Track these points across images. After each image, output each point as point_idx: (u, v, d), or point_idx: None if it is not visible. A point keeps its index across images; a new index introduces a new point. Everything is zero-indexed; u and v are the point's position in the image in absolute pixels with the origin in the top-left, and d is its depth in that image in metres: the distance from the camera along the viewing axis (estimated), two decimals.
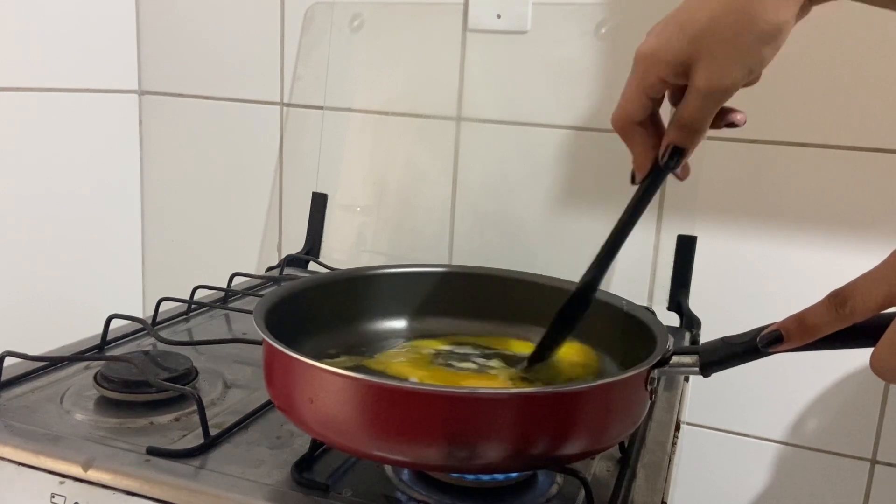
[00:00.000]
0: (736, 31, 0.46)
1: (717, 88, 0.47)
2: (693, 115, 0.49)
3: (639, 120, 0.51)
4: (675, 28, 0.48)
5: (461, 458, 0.43)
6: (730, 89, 0.48)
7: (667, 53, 0.48)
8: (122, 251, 1.22)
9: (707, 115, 0.49)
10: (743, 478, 0.94)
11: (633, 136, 0.52)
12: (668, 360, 0.49)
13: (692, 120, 0.49)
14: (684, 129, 0.50)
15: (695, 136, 0.50)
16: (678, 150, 0.51)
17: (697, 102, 0.48)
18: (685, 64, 0.47)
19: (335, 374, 0.44)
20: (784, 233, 0.88)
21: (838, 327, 0.42)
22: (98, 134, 1.14)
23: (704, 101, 0.48)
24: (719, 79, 0.47)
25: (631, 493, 0.52)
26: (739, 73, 0.47)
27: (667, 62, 0.48)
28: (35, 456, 0.52)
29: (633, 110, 0.51)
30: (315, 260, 1.03)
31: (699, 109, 0.49)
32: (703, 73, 0.47)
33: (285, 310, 0.57)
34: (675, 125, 0.50)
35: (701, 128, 0.50)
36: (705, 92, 0.48)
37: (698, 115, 0.49)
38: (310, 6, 1.06)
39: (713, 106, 0.49)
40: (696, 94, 0.48)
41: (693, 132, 0.50)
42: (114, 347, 0.72)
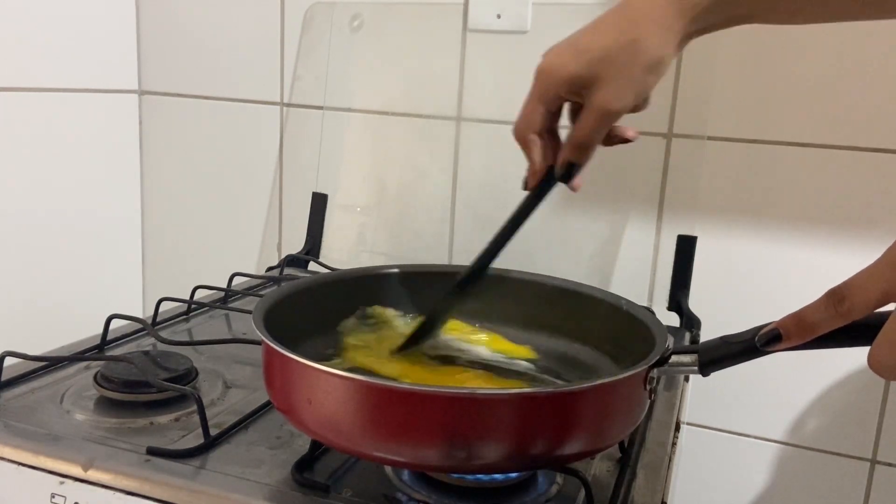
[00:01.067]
0: (624, 62, 0.52)
1: (608, 110, 0.53)
2: (587, 134, 0.54)
3: (537, 130, 0.56)
4: (573, 52, 0.54)
5: (461, 458, 0.43)
6: (620, 111, 0.53)
7: (565, 71, 0.53)
8: (122, 251, 1.22)
9: (599, 134, 0.54)
10: (743, 478, 0.94)
11: (530, 146, 0.56)
12: (668, 359, 0.49)
13: (586, 138, 0.54)
14: (579, 147, 0.55)
15: (588, 152, 0.55)
16: (572, 165, 0.56)
17: (591, 121, 0.54)
18: (580, 84, 0.53)
19: (333, 374, 0.44)
20: (784, 233, 0.88)
21: (837, 325, 0.42)
22: (98, 134, 1.14)
23: (596, 120, 0.53)
24: (611, 101, 0.53)
25: (631, 493, 0.52)
26: (628, 97, 0.53)
27: (564, 80, 0.53)
28: (35, 456, 0.52)
29: (531, 121, 0.56)
30: (315, 260, 1.03)
31: (592, 128, 0.54)
32: (597, 96, 0.53)
33: (285, 310, 0.57)
34: (570, 143, 0.55)
35: (592, 144, 0.55)
36: (598, 112, 0.53)
37: (592, 134, 0.54)
38: (310, 6, 1.06)
39: (605, 126, 0.54)
40: (589, 112, 0.54)
41: (586, 149, 0.55)
42: (114, 347, 0.72)
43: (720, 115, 0.88)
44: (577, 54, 0.53)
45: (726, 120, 0.88)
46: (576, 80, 0.53)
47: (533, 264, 0.71)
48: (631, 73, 0.52)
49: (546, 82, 0.55)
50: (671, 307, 0.90)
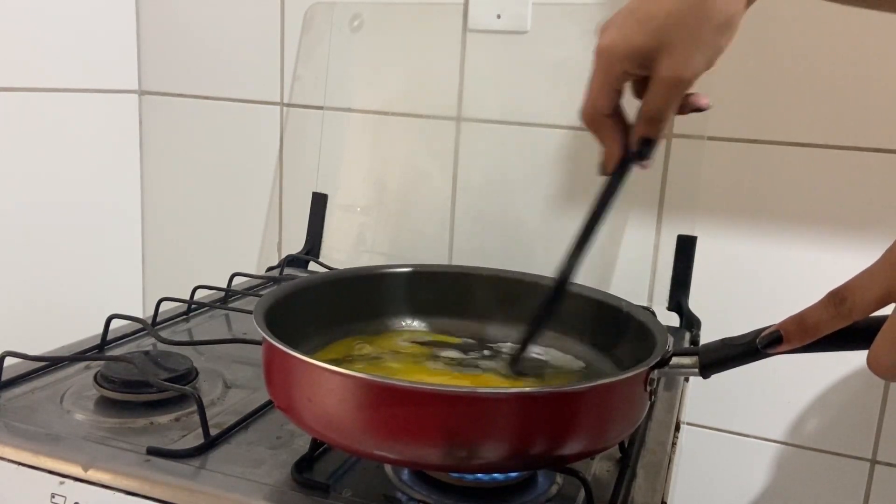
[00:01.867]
0: (693, 24, 0.48)
1: (680, 78, 0.50)
2: (658, 106, 0.51)
3: (607, 112, 0.53)
4: (634, 23, 0.50)
5: (461, 457, 0.43)
6: (691, 78, 0.50)
7: (628, 46, 0.50)
8: (122, 251, 1.22)
9: (671, 105, 0.51)
10: (743, 478, 0.94)
11: (603, 129, 0.54)
12: (668, 360, 0.49)
13: (658, 111, 0.51)
14: (652, 121, 0.52)
15: (662, 125, 0.52)
16: (648, 141, 0.53)
17: (662, 92, 0.50)
18: (647, 56, 0.50)
19: (334, 372, 0.44)
20: (784, 233, 0.88)
21: (837, 326, 0.42)
22: (98, 134, 1.14)
23: (668, 90, 0.50)
24: (682, 69, 0.49)
25: (631, 493, 0.52)
26: (700, 63, 0.50)
27: (629, 55, 0.50)
28: (35, 456, 0.52)
29: (601, 104, 0.53)
30: (315, 260, 1.03)
31: (664, 100, 0.51)
32: (665, 64, 0.49)
33: (285, 309, 0.57)
34: (643, 118, 0.52)
35: (666, 117, 0.52)
36: (669, 82, 0.50)
37: (664, 106, 0.51)
38: (310, 6, 1.06)
39: (677, 95, 0.51)
40: (659, 84, 0.50)
41: (660, 122, 0.52)
42: (114, 347, 0.72)
43: (720, 115, 0.88)
44: (640, 23, 0.50)
45: (726, 120, 0.88)
46: (642, 51, 0.50)
47: (533, 264, 0.71)
48: (701, 35, 0.49)
49: (609, 60, 0.51)
50: (671, 307, 0.90)
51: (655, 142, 0.53)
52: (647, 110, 0.52)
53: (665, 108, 0.51)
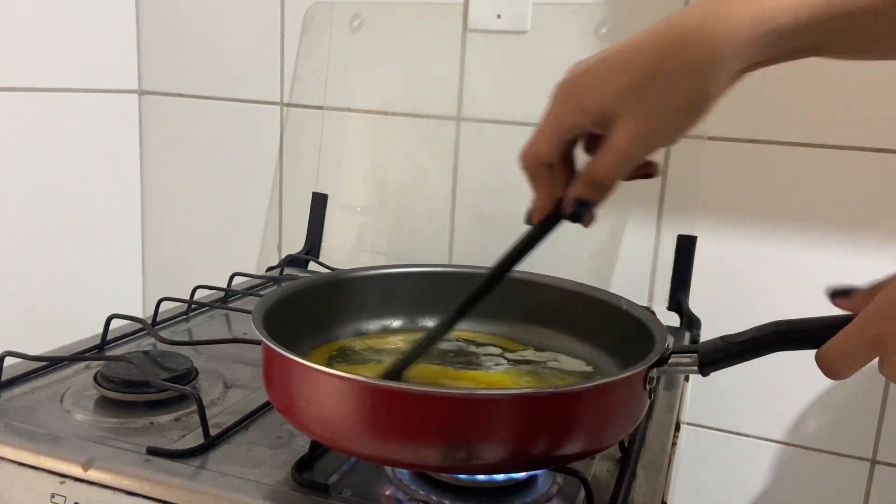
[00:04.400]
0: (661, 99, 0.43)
1: (635, 152, 0.45)
2: (606, 173, 0.46)
3: (548, 161, 0.48)
4: (602, 76, 0.44)
5: (460, 458, 0.43)
6: (646, 154, 0.46)
7: (588, 100, 0.45)
8: (122, 251, 1.22)
9: (620, 175, 0.46)
10: (743, 478, 0.94)
11: (539, 178, 0.49)
12: (667, 359, 0.49)
13: (604, 178, 0.46)
14: (595, 186, 0.46)
15: (605, 192, 0.47)
16: (584, 204, 0.48)
17: (613, 161, 0.45)
18: (606, 116, 0.44)
19: (333, 375, 0.44)
20: (784, 233, 0.88)
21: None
22: (98, 134, 1.14)
23: (621, 160, 0.45)
24: (639, 142, 0.44)
25: (631, 493, 0.52)
26: (660, 141, 0.45)
27: (586, 111, 0.45)
28: (35, 456, 0.52)
29: (543, 151, 0.47)
30: (315, 260, 1.03)
31: (614, 168, 0.45)
32: (623, 133, 0.44)
33: (284, 311, 0.57)
34: (584, 180, 0.47)
35: (610, 185, 0.46)
36: (621, 152, 0.44)
37: (612, 174, 0.46)
38: (310, 6, 1.06)
39: (628, 166, 0.46)
40: (612, 152, 0.45)
41: (603, 189, 0.47)
42: (114, 347, 0.72)
43: (720, 115, 0.88)
44: (606, 79, 0.44)
45: (726, 120, 0.88)
46: (599, 111, 0.44)
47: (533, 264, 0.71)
48: (668, 113, 0.43)
49: (564, 108, 0.46)
50: (671, 307, 0.90)
51: (592, 206, 0.48)
52: (593, 173, 0.46)
53: (612, 177, 0.46)
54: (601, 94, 0.44)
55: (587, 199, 0.47)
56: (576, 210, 0.48)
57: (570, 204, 0.48)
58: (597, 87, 0.44)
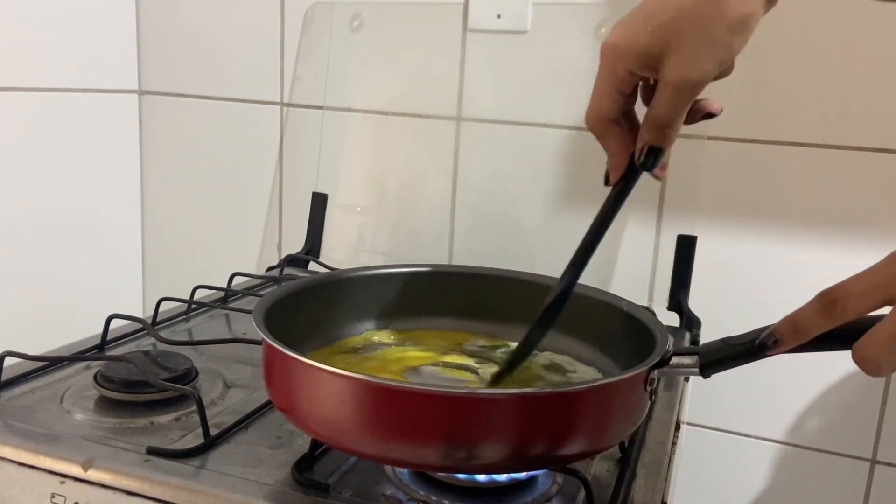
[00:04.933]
0: (704, 23, 0.45)
1: (688, 81, 0.46)
2: (666, 112, 0.47)
3: (612, 117, 0.49)
4: (641, 20, 0.46)
5: (460, 458, 0.43)
6: (701, 82, 0.46)
7: (634, 44, 0.46)
8: (122, 251, 1.22)
9: (680, 111, 0.47)
10: (743, 478, 0.94)
11: (608, 135, 0.50)
12: (668, 360, 0.49)
13: (665, 116, 0.47)
14: (658, 128, 0.48)
15: (669, 133, 0.48)
16: (654, 150, 0.48)
17: (669, 97, 0.46)
18: (653, 56, 0.46)
19: (334, 373, 0.44)
20: (784, 233, 0.88)
21: (829, 327, 0.42)
22: (98, 134, 1.14)
23: (676, 95, 0.46)
24: (690, 71, 0.45)
25: (631, 493, 0.52)
26: (710, 65, 0.46)
27: (634, 53, 0.46)
28: (35, 456, 0.52)
29: (605, 107, 0.49)
30: (315, 260, 1.03)
31: (671, 105, 0.47)
32: (672, 66, 0.46)
33: (285, 310, 0.57)
34: (648, 124, 0.48)
35: (674, 124, 0.48)
36: (676, 85, 0.46)
37: (671, 111, 0.47)
38: (310, 6, 1.06)
39: (686, 100, 0.47)
40: (666, 88, 0.46)
41: (667, 129, 0.48)
42: (114, 347, 0.72)
43: (720, 115, 0.88)
44: (647, 20, 0.46)
45: (726, 120, 0.88)
46: (648, 51, 0.46)
47: (533, 264, 0.71)
48: (712, 34, 0.45)
49: (614, 60, 0.47)
50: (671, 307, 0.90)
51: (663, 151, 0.49)
52: (654, 115, 0.48)
53: (672, 113, 0.47)
54: (643, 36, 0.46)
55: (655, 144, 0.48)
56: (647, 157, 0.49)
57: (640, 153, 0.49)
58: (638, 31, 0.46)
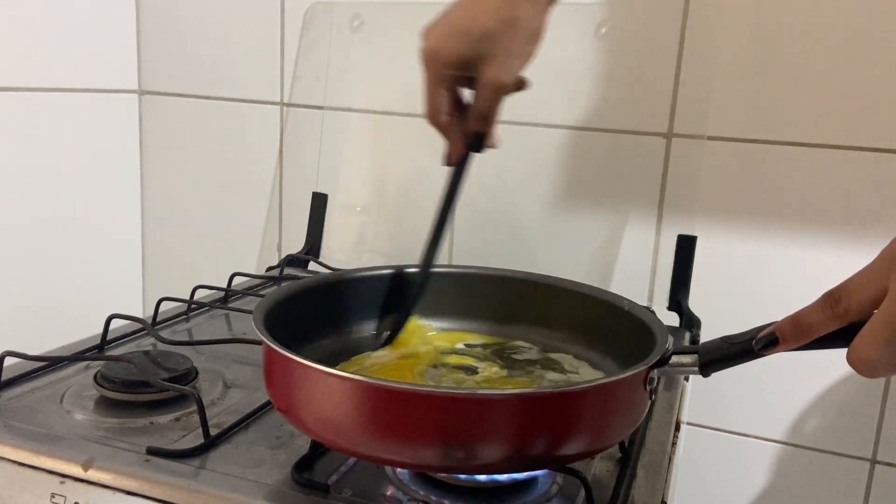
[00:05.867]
0: (505, 38, 0.56)
1: (502, 82, 0.57)
2: (487, 106, 0.59)
3: (446, 110, 0.60)
4: (455, 35, 0.57)
5: (460, 458, 0.43)
6: (511, 80, 0.58)
7: (451, 55, 0.57)
8: (122, 251, 1.22)
9: (497, 104, 0.59)
10: (743, 478, 0.94)
11: (447, 127, 0.61)
12: (668, 359, 0.49)
13: (486, 109, 0.59)
14: (481, 118, 0.59)
15: (490, 121, 0.60)
16: (480, 135, 0.60)
17: (488, 94, 0.58)
18: (471, 62, 0.57)
19: (333, 375, 0.44)
20: (784, 233, 0.88)
21: (833, 327, 0.42)
22: (98, 134, 1.14)
23: (494, 93, 0.58)
24: (502, 75, 0.57)
25: (631, 493, 0.52)
26: (517, 67, 0.58)
27: (454, 58, 0.57)
28: (35, 456, 0.52)
29: (437, 104, 0.59)
30: (315, 260, 1.03)
31: (490, 100, 0.58)
32: (488, 72, 0.57)
33: (285, 311, 0.57)
34: (473, 116, 0.60)
35: (494, 114, 0.60)
36: (493, 86, 0.57)
37: (491, 105, 0.59)
38: (310, 6, 1.06)
39: (502, 95, 0.58)
40: (486, 88, 0.58)
41: (488, 119, 0.60)
42: (114, 347, 0.72)
43: (720, 115, 0.88)
44: (459, 35, 0.57)
45: (726, 120, 0.88)
46: (463, 60, 0.57)
47: (533, 264, 0.71)
48: (513, 47, 0.57)
49: (436, 66, 0.58)
50: (671, 307, 0.90)
51: (486, 135, 0.61)
52: (477, 109, 0.59)
53: (492, 107, 0.59)
54: (459, 48, 0.57)
55: (480, 131, 0.60)
56: (475, 142, 0.61)
57: (472, 139, 0.60)
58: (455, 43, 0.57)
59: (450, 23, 0.58)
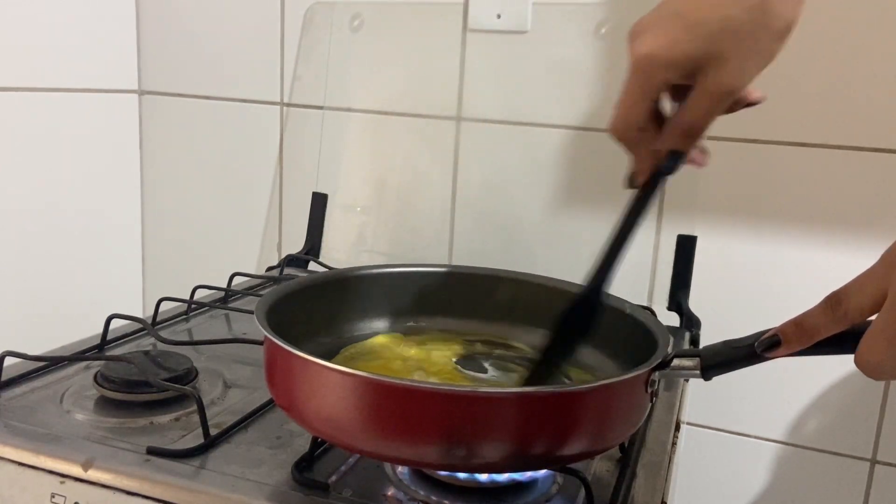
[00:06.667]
0: (752, 32, 0.44)
1: (730, 90, 0.45)
2: (700, 118, 0.46)
3: (642, 125, 0.48)
4: (682, 28, 0.44)
5: (461, 457, 0.43)
6: (741, 90, 0.46)
7: (675, 55, 0.45)
8: (122, 251, 1.22)
9: (714, 117, 0.46)
10: (743, 478, 0.94)
11: (634, 142, 0.49)
12: (670, 362, 0.49)
13: (698, 123, 0.46)
14: (687, 134, 0.47)
15: (696, 138, 0.47)
16: (677, 154, 0.48)
17: (706, 105, 0.46)
18: (695, 65, 0.45)
19: (336, 371, 0.44)
20: (784, 233, 0.88)
21: (835, 330, 0.42)
22: (98, 134, 1.14)
23: (714, 104, 0.46)
24: (735, 80, 0.45)
25: (631, 493, 0.52)
26: (754, 74, 0.45)
27: (675, 64, 0.45)
28: (35, 456, 0.52)
29: (635, 116, 0.48)
30: (315, 260, 1.03)
31: (707, 113, 0.46)
32: (715, 76, 0.45)
33: (286, 308, 0.57)
34: (676, 130, 0.47)
35: (705, 130, 0.47)
36: (716, 95, 0.45)
37: (705, 119, 0.46)
38: (310, 6, 1.06)
39: (722, 108, 0.46)
40: (704, 96, 0.45)
41: (698, 136, 0.47)
42: (114, 347, 0.72)
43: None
44: (690, 29, 0.44)
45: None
46: (691, 60, 0.44)
47: (533, 264, 0.71)
48: (758, 44, 0.44)
49: (651, 69, 0.45)
50: (671, 307, 0.90)
51: (686, 155, 0.48)
52: (685, 122, 0.47)
53: (706, 121, 0.46)
54: (686, 45, 0.44)
55: (682, 150, 0.48)
56: (670, 162, 0.48)
57: (666, 158, 0.48)
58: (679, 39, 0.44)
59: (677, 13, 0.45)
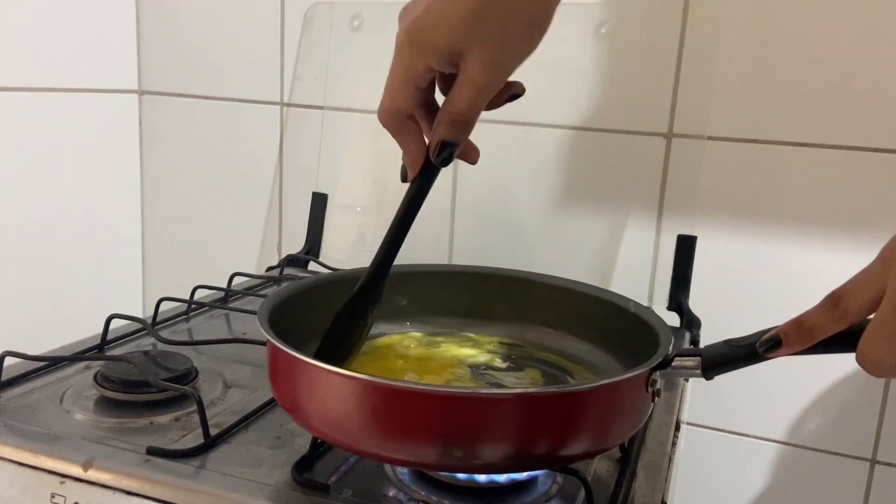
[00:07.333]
0: (505, 20, 0.44)
1: (492, 80, 0.45)
2: (467, 108, 0.46)
3: (408, 113, 0.48)
4: (442, 15, 0.44)
5: (461, 457, 0.43)
6: (504, 80, 0.46)
7: (434, 41, 0.44)
8: (122, 251, 1.22)
9: (480, 107, 0.46)
10: (743, 478, 0.94)
11: (404, 131, 0.48)
12: (671, 362, 0.49)
13: (466, 112, 0.46)
14: (456, 124, 0.46)
15: (467, 129, 0.47)
16: (449, 145, 0.47)
17: (472, 94, 0.45)
18: (456, 53, 0.44)
19: (338, 374, 0.44)
20: (784, 233, 0.88)
21: (835, 329, 0.42)
22: (98, 134, 1.14)
23: (479, 93, 0.45)
24: (494, 70, 0.45)
25: (631, 493, 0.52)
26: (514, 62, 0.46)
27: (435, 50, 0.44)
28: (35, 456, 0.52)
29: (400, 103, 0.47)
30: (315, 260, 1.03)
31: (474, 102, 0.45)
32: (477, 65, 0.44)
33: (288, 310, 0.57)
34: (446, 120, 0.46)
35: (473, 120, 0.47)
36: (480, 84, 0.45)
37: (473, 108, 0.46)
38: (310, 6, 1.06)
39: (488, 97, 0.46)
40: (469, 85, 0.45)
41: (465, 125, 0.47)
42: (114, 347, 0.72)
43: (720, 115, 0.88)
44: (446, 16, 0.44)
45: (726, 120, 0.88)
46: (450, 48, 0.44)
47: (533, 264, 0.71)
48: (510, 35, 0.44)
49: (412, 56, 0.45)
50: (671, 307, 0.90)
51: (458, 146, 0.47)
52: (453, 112, 0.46)
53: (474, 110, 0.46)
54: (447, 31, 0.44)
55: (451, 140, 0.47)
56: (440, 153, 0.47)
57: (435, 149, 0.47)
58: (440, 25, 0.44)
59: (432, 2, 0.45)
